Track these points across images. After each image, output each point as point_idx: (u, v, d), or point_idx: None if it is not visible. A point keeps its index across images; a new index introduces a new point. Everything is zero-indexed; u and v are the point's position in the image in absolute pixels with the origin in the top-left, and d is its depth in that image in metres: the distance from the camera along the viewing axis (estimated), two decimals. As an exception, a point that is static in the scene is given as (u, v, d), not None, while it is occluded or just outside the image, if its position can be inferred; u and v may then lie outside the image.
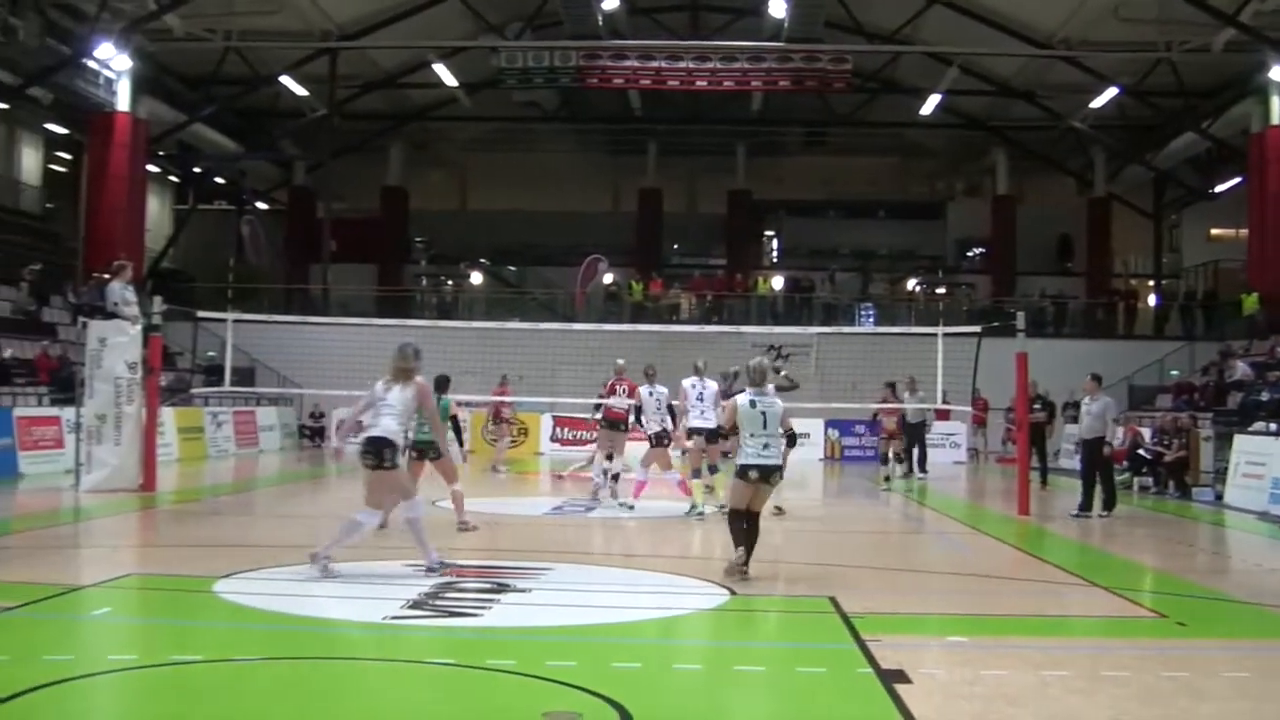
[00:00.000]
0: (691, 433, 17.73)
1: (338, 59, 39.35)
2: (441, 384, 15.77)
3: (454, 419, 16.46)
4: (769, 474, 12.10)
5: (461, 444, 17.12)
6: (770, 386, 12.45)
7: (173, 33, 35.63)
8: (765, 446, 12.06)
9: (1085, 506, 19.47)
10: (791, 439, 16.87)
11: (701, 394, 17.86)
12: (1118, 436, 22.17)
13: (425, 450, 14.96)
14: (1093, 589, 12.32)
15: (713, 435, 17.47)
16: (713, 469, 18.04)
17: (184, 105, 40.43)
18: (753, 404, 12.13)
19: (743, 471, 12.05)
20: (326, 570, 11.31)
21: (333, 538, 11.60)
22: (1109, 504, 19.47)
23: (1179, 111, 39.48)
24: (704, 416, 17.59)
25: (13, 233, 35.91)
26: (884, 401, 25.86)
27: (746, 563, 11.89)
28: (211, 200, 50.48)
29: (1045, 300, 43.38)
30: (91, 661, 8.40)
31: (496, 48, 38.58)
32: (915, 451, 28.11)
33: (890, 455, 25.82)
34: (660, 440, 18.76)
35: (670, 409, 18.90)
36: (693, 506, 17.74)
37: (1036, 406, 25.83)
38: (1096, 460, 19.61)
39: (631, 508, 18.30)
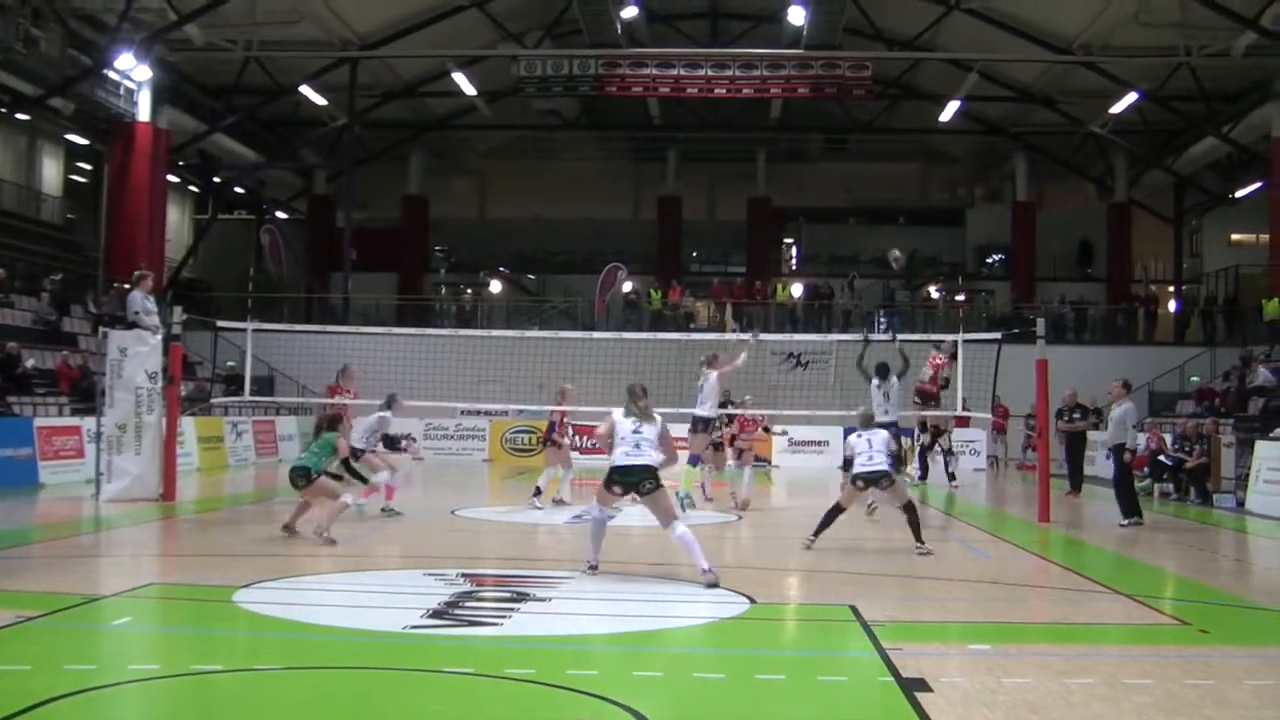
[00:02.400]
0: (695, 423, 18.84)
1: (358, 68, 39.54)
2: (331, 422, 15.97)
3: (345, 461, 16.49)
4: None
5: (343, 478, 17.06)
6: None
7: (193, 43, 35.79)
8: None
9: (1128, 514, 19.26)
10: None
11: (702, 386, 18.86)
12: (1138, 442, 22.03)
13: (296, 478, 15.15)
14: (1115, 596, 12.26)
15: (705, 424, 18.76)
16: (692, 460, 19.12)
17: (205, 115, 40.63)
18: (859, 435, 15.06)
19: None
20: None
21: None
22: (1126, 512, 19.34)
23: (1200, 116, 39.37)
24: (702, 406, 18.77)
25: (34, 243, 36.08)
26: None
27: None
28: (232, 210, 50.70)
29: (1066, 306, 43.32)
30: (113, 671, 8.39)
31: (516, 56, 38.73)
32: (921, 458, 28.24)
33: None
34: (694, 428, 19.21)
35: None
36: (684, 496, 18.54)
37: (1077, 415, 25.77)
38: (1117, 466, 19.55)
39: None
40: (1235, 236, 45.38)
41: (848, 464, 18.47)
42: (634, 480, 12.05)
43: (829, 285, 44.18)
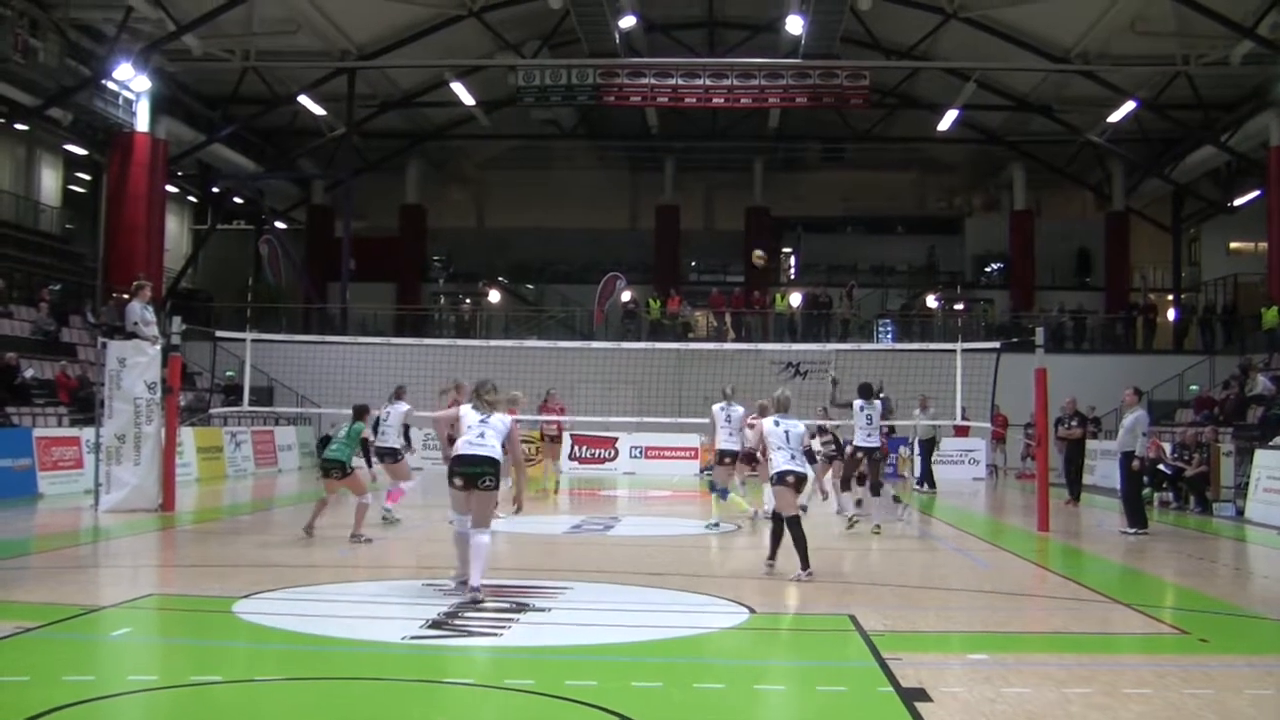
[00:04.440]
0: (722, 455, 18.97)
1: (356, 78, 39.58)
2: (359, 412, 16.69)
3: (364, 442, 16.80)
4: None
5: (370, 465, 17.28)
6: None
7: (192, 53, 35.81)
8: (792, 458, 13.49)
9: (1133, 523, 19.29)
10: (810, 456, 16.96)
11: (729, 416, 18.83)
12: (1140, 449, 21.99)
13: (330, 469, 16.00)
14: (1114, 605, 12.26)
15: (737, 456, 18.91)
16: (723, 493, 19.06)
17: (203, 125, 40.69)
18: (777, 423, 13.72)
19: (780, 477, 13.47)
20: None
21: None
22: (1132, 521, 19.36)
23: (1197, 125, 39.46)
24: (731, 439, 18.73)
25: (33, 253, 36.08)
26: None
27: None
28: (230, 220, 50.69)
29: (1064, 315, 43.28)
30: (112, 682, 8.40)
31: (514, 66, 38.79)
32: (922, 467, 28.39)
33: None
34: (722, 459, 19.30)
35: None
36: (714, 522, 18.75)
37: (1075, 424, 25.79)
38: (1125, 474, 19.57)
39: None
40: (1234, 245, 45.38)
41: (749, 457, 18.75)
42: (475, 472, 11.39)
43: (827, 294, 44.16)
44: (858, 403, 19.11)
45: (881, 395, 20.09)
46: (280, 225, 49.44)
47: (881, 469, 19.92)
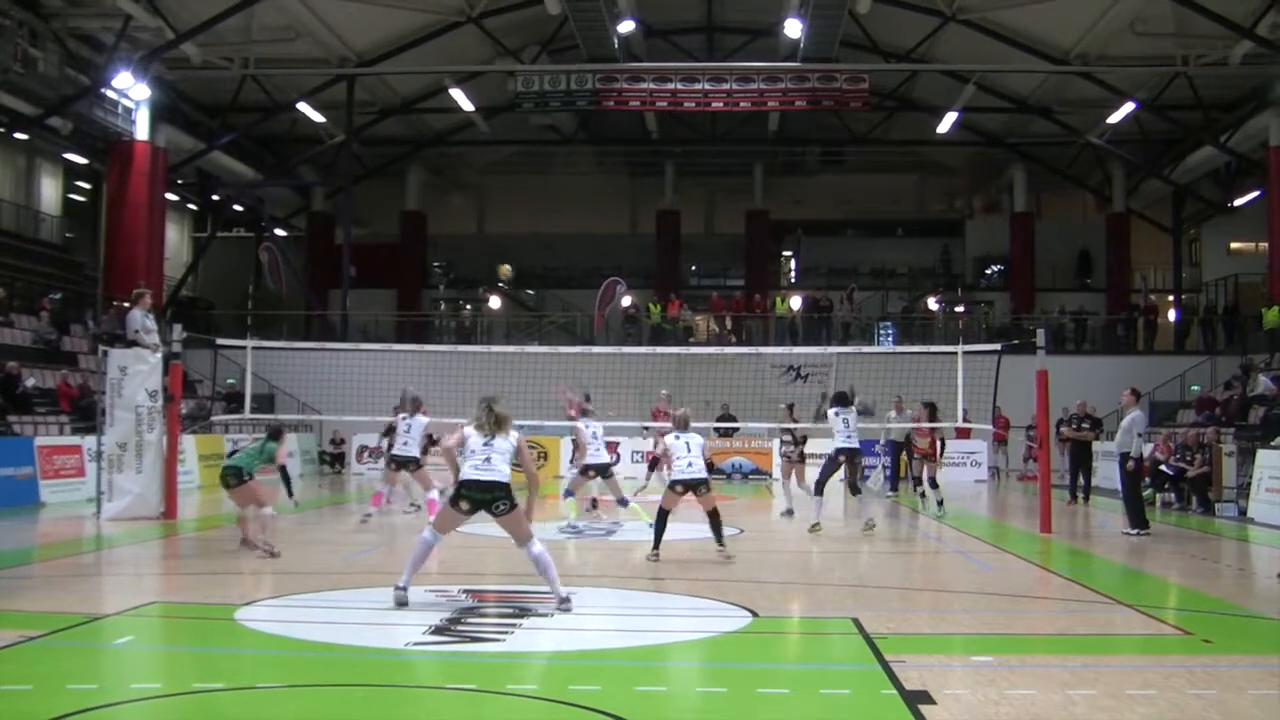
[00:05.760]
0: (587, 469, 19.87)
1: (355, 85, 39.59)
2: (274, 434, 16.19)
3: (283, 469, 16.50)
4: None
5: (291, 494, 17.12)
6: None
7: (191, 61, 35.86)
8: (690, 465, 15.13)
9: (1135, 524, 19.30)
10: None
11: (595, 434, 19.97)
12: (1144, 450, 21.96)
13: (227, 476, 15.39)
14: (1117, 607, 12.24)
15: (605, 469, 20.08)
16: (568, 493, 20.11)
17: (202, 133, 40.71)
18: (678, 437, 15.40)
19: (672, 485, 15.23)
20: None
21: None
22: (1133, 522, 19.36)
23: (1197, 125, 39.47)
24: (597, 454, 19.89)
25: (33, 262, 36.06)
26: (917, 421, 25.05)
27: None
28: (230, 228, 50.74)
29: (1065, 317, 43.31)
30: (114, 691, 8.38)
31: (513, 71, 38.81)
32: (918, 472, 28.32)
33: (924, 477, 25.04)
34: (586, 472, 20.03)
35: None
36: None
37: (1086, 425, 25.77)
38: (1123, 475, 19.58)
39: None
40: (1234, 245, 45.36)
41: (653, 464, 19.03)
42: (487, 498, 11.23)
43: (828, 297, 44.18)
44: (833, 410, 19.22)
45: (857, 401, 20.12)
46: (280, 232, 49.48)
47: (860, 470, 20.10)
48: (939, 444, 24.37)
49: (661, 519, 15.19)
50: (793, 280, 52.32)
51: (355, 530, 19.45)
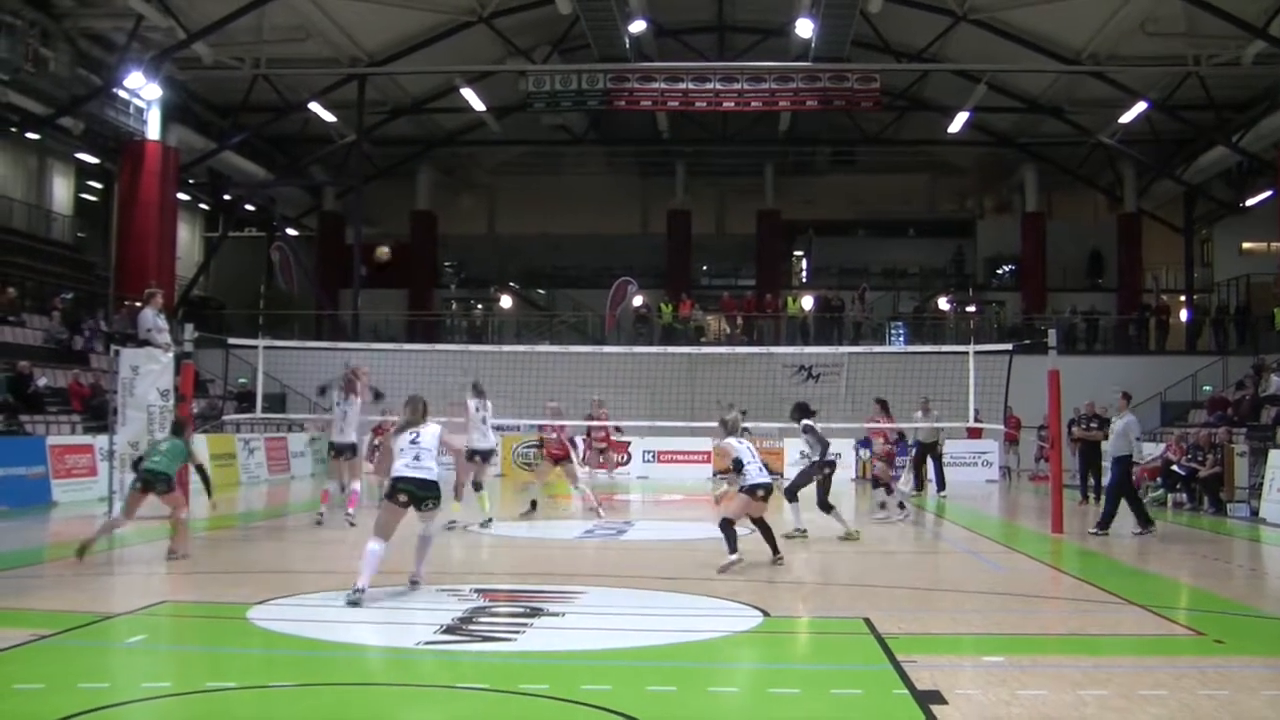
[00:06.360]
0: (473, 454, 19.41)
1: (366, 85, 39.60)
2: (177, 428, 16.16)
3: (200, 468, 16.34)
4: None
5: (209, 494, 17.01)
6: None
7: (202, 61, 35.91)
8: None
9: (1104, 525, 19.32)
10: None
11: (485, 419, 19.80)
12: (1144, 452, 21.97)
13: (155, 481, 15.09)
14: (1128, 607, 12.21)
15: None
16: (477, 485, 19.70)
17: (214, 133, 40.77)
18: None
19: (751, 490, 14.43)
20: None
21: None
22: (1142, 521, 19.33)
23: (1209, 125, 39.38)
24: (485, 439, 19.76)
25: (45, 262, 36.16)
26: (873, 420, 24.59)
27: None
28: (242, 227, 50.82)
29: (1077, 317, 43.19)
30: (126, 689, 8.41)
31: (524, 71, 38.82)
32: (931, 470, 28.35)
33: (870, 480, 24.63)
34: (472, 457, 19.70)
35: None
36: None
37: (1094, 425, 25.74)
38: (1120, 478, 19.57)
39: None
40: (1246, 245, 45.22)
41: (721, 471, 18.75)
42: (421, 495, 11.78)
43: (839, 297, 44.12)
44: (805, 423, 19.14)
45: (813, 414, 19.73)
46: (292, 232, 49.50)
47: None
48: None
49: (730, 527, 14.33)
50: (804, 280, 52.24)
51: (365, 529, 19.42)
